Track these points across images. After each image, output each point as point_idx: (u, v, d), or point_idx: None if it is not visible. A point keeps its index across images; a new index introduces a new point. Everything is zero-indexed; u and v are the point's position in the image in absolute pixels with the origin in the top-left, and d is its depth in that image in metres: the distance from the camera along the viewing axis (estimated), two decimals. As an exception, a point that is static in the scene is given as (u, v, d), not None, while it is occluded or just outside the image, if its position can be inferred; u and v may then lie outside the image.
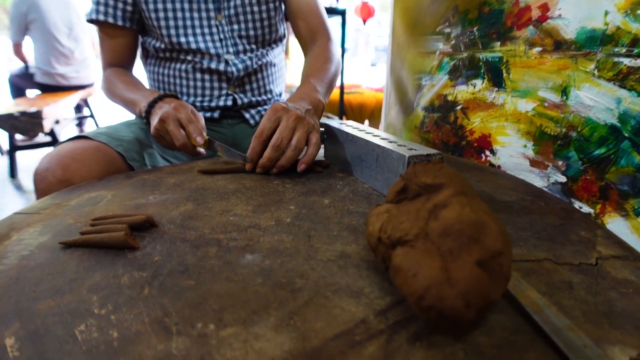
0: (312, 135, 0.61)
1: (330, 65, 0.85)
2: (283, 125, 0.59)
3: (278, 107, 0.61)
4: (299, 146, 0.59)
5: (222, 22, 0.86)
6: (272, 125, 0.60)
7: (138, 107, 0.76)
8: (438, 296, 0.23)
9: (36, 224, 0.45)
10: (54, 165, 0.64)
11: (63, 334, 0.28)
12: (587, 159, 0.57)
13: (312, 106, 0.68)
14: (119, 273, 0.35)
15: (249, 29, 0.88)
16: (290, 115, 0.60)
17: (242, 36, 0.88)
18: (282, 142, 0.58)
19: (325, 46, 0.89)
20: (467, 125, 0.78)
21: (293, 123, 0.60)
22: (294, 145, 0.59)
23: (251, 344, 0.26)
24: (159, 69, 0.90)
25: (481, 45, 0.73)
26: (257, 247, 0.39)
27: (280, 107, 0.61)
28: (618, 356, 0.27)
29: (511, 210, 0.50)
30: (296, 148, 0.59)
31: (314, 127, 0.62)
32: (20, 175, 2.58)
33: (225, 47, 0.86)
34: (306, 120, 0.61)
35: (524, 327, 0.29)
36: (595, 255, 0.40)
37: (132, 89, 0.82)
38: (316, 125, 0.63)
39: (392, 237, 0.29)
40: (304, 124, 0.61)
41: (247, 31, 0.88)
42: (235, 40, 0.87)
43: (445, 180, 0.31)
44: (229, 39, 0.87)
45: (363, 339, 0.27)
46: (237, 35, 0.88)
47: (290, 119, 0.60)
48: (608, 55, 0.54)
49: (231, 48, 0.87)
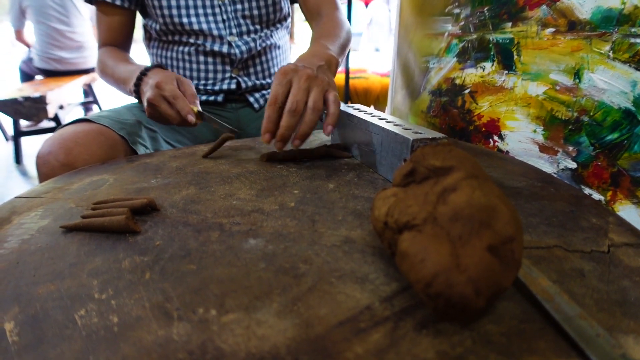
0: (329, 93, 0.56)
1: (340, 30, 0.81)
2: (295, 88, 0.54)
3: (287, 68, 0.56)
4: (317, 107, 0.54)
5: (225, 1, 0.84)
6: (285, 89, 0.55)
7: (128, 87, 0.74)
8: (447, 283, 0.22)
9: (37, 208, 0.45)
10: (56, 148, 0.64)
11: (63, 319, 0.27)
12: (599, 144, 0.56)
13: (325, 62, 0.64)
14: (119, 257, 0.34)
15: (253, 8, 0.86)
16: (301, 76, 0.55)
17: (245, 16, 0.86)
18: (297, 105, 0.53)
19: (333, 15, 0.86)
20: (475, 110, 0.77)
21: (306, 83, 0.55)
22: (312, 106, 0.54)
23: (253, 330, 0.26)
24: (161, 51, 0.89)
25: (491, 26, 0.70)
26: (260, 231, 0.38)
27: (290, 69, 0.56)
28: (631, 346, 0.26)
29: (520, 196, 0.49)
30: (315, 109, 0.54)
31: (329, 84, 0.58)
32: (26, 161, 2.59)
33: (228, 28, 0.85)
34: (319, 78, 0.56)
35: (534, 315, 0.28)
36: (608, 242, 0.39)
37: (121, 67, 0.80)
38: (332, 82, 0.59)
39: (399, 222, 0.28)
40: (318, 82, 0.56)
41: (251, 10, 0.86)
42: (238, 21, 0.85)
43: (455, 163, 0.30)
44: (232, 20, 0.85)
45: (368, 326, 0.26)
46: (241, 16, 0.86)
47: (302, 79, 0.55)
48: (624, 35, 0.52)
49: (234, 29, 0.85)
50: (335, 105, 0.56)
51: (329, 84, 0.58)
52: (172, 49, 0.87)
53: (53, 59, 2.79)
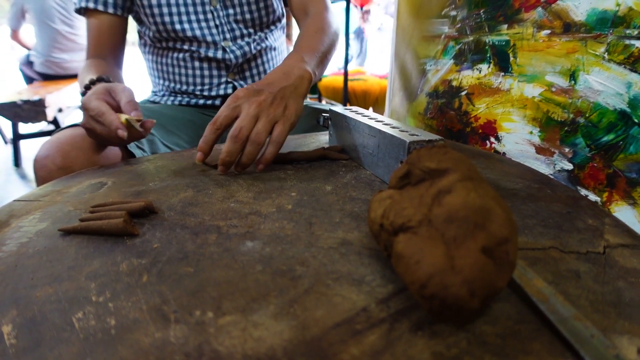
0: (277, 125, 0.53)
1: (323, 35, 0.75)
2: (244, 114, 0.52)
3: (241, 92, 0.53)
4: (257, 140, 0.51)
5: (216, 7, 0.84)
6: (231, 113, 0.52)
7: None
8: (441, 284, 0.23)
9: (35, 211, 0.45)
10: (53, 152, 0.64)
11: (60, 322, 0.27)
12: (595, 145, 0.56)
13: (294, 82, 0.58)
14: (117, 260, 0.34)
15: (245, 12, 0.86)
16: (252, 102, 0.52)
17: (238, 20, 0.86)
18: (241, 132, 0.50)
19: (319, 14, 0.81)
20: (472, 112, 0.77)
21: (255, 110, 0.52)
22: (252, 138, 0.51)
23: (250, 332, 0.26)
24: (156, 57, 0.89)
25: (487, 28, 0.71)
26: (257, 234, 0.38)
27: (244, 93, 0.53)
28: (626, 346, 0.26)
29: (517, 198, 0.49)
30: (254, 142, 0.51)
31: (283, 113, 0.54)
32: (25, 164, 2.59)
33: (221, 33, 0.85)
34: (273, 106, 0.53)
35: (529, 316, 0.28)
36: (603, 243, 0.40)
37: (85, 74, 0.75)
38: (289, 110, 0.55)
39: (394, 224, 0.28)
40: (270, 111, 0.52)
41: (243, 14, 0.86)
42: (231, 26, 0.85)
43: (451, 165, 0.30)
44: (225, 25, 0.85)
45: (364, 328, 0.26)
46: (234, 20, 0.86)
47: (252, 105, 0.52)
48: (619, 37, 0.52)
49: (228, 34, 0.85)
50: (274, 145, 0.53)
51: (283, 114, 0.54)
52: (167, 56, 0.87)
53: (55, 63, 2.79)
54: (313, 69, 0.65)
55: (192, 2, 0.82)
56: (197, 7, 0.83)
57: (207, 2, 0.83)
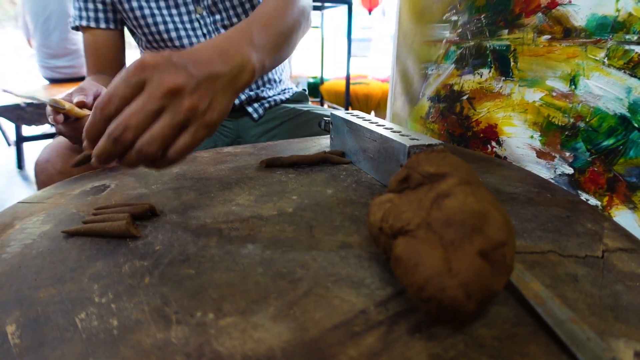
0: (185, 134, 0.36)
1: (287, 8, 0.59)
2: (139, 102, 0.35)
3: (150, 59, 0.36)
4: (145, 151, 0.35)
5: (202, 14, 0.83)
6: (128, 92, 0.35)
7: None
8: (439, 287, 0.23)
9: (39, 213, 0.46)
10: (54, 156, 0.64)
11: (63, 322, 0.28)
12: (595, 150, 0.56)
13: (230, 68, 0.40)
14: (120, 262, 0.35)
15: (231, 16, 0.85)
16: (160, 85, 0.35)
17: (225, 26, 0.85)
18: (124, 133, 0.34)
19: None
20: (473, 116, 0.77)
21: (158, 102, 0.35)
22: (138, 146, 0.35)
23: (250, 333, 0.26)
24: None
25: (488, 33, 0.71)
26: (258, 237, 0.39)
27: (154, 62, 0.35)
28: (622, 349, 0.27)
29: (516, 202, 0.49)
30: (140, 152, 0.35)
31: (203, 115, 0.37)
32: (28, 166, 2.60)
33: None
34: (189, 99, 0.36)
35: (526, 319, 0.28)
36: (602, 247, 0.40)
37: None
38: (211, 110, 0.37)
39: (393, 227, 0.28)
40: (180, 107, 0.35)
41: (230, 19, 0.85)
42: (219, 32, 0.85)
43: (450, 169, 0.30)
44: (213, 32, 0.84)
45: (362, 330, 0.26)
46: (221, 26, 0.85)
47: (158, 92, 0.35)
48: (619, 42, 0.52)
49: None
50: (169, 162, 0.37)
51: (200, 116, 0.37)
52: None
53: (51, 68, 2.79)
54: (262, 58, 0.47)
55: (177, 13, 0.82)
56: (182, 16, 0.82)
57: (193, 11, 0.83)
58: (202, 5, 0.83)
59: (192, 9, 0.83)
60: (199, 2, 0.83)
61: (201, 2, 0.83)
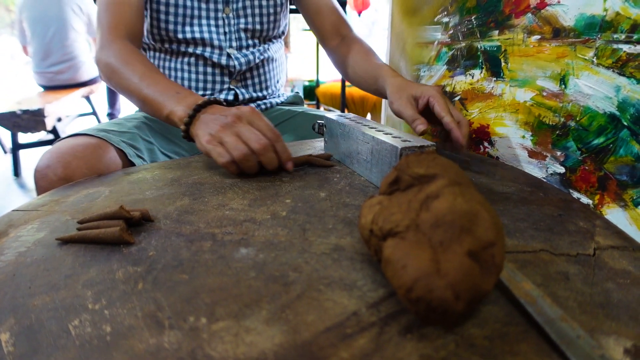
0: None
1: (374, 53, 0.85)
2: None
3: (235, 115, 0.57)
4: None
5: (229, 15, 0.85)
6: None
7: (165, 111, 0.63)
8: (427, 287, 0.23)
9: (34, 221, 0.46)
10: (54, 162, 0.64)
11: (57, 329, 0.28)
12: (586, 148, 0.57)
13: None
14: (113, 268, 0.35)
15: (255, 22, 0.88)
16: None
17: (247, 30, 0.87)
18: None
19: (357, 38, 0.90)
20: (466, 116, 0.78)
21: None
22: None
23: (242, 337, 0.26)
24: (161, 62, 0.90)
25: (479, 34, 0.72)
26: (251, 240, 0.39)
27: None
28: (612, 347, 0.27)
29: (509, 202, 0.49)
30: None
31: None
32: (24, 174, 2.59)
33: (228, 40, 0.86)
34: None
35: (517, 318, 0.29)
36: (594, 245, 0.40)
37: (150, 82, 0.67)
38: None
39: (383, 229, 0.29)
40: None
41: (253, 25, 0.88)
42: (239, 35, 0.87)
43: (439, 171, 0.31)
44: (234, 33, 0.86)
45: (354, 332, 0.27)
46: (243, 29, 0.87)
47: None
48: (607, 42, 0.53)
49: (235, 42, 0.87)
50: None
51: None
52: (172, 59, 0.88)
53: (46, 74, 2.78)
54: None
55: (206, 7, 0.83)
56: (210, 12, 0.84)
57: (221, 9, 0.84)
58: (231, 8, 0.85)
59: (221, 8, 0.85)
60: (229, 3, 0.85)
61: (230, 3, 0.85)
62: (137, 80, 0.68)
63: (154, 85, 0.66)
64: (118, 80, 0.71)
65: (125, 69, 0.69)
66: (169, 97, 0.63)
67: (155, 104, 0.65)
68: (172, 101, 0.62)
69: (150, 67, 0.70)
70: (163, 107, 0.63)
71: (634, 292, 0.33)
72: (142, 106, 0.69)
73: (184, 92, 0.64)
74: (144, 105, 0.68)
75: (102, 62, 0.73)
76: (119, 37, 0.74)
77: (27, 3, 2.64)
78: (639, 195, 0.51)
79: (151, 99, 0.65)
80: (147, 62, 0.71)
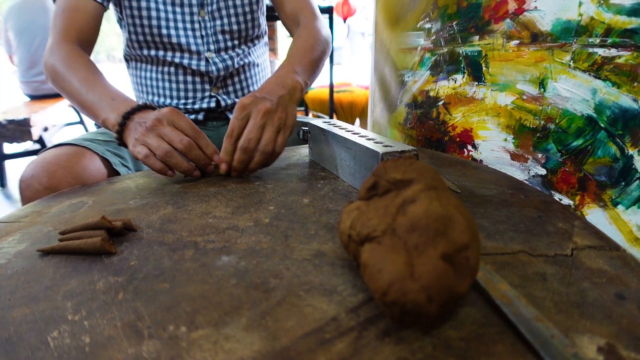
0: (279, 136, 0.58)
1: (314, 43, 0.79)
2: (251, 124, 0.57)
3: (246, 102, 0.58)
4: (266, 150, 0.57)
5: (204, 17, 0.85)
6: (242, 123, 0.57)
7: (101, 118, 0.63)
8: (401, 291, 0.24)
9: (15, 233, 0.45)
10: (39, 172, 0.63)
11: (35, 341, 0.28)
12: (566, 150, 0.58)
13: (288, 91, 0.63)
14: (94, 279, 0.35)
15: (232, 23, 0.88)
16: (259, 110, 0.57)
17: (224, 31, 0.87)
18: (249, 144, 0.56)
19: (310, 24, 0.85)
20: (449, 121, 0.79)
21: (262, 120, 0.57)
22: (261, 149, 0.57)
23: (221, 344, 0.26)
24: (141, 72, 0.90)
25: (460, 39, 0.73)
26: (233, 248, 0.39)
27: (249, 102, 0.58)
28: (586, 345, 0.27)
29: (490, 204, 0.50)
30: (263, 153, 0.57)
31: (285, 122, 0.59)
32: (10, 184, 2.56)
33: (206, 44, 0.86)
34: (277, 114, 0.58)
35: (494, 319, 0.29)
36: (571, 246, 0.41)
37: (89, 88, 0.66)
38: (289, 118, 0.60)
39: (360, 234, 0.29)
40: (274, 120, 0.58)
41: (230, 26, 0.88)
42: (217, 37, 0.87)
43: (416, 175, 0.31)
44: (211, 36, 0.86)
45: (333, 337, 0.27)
46: (220, 31, 0.87)
47: (259, 114, 0.57)
48: (583, 46, 0.54)
49: (212, 45, 0.87)
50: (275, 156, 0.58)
51: (285, 123, 0.59)
52: (152, 69, 0.88)
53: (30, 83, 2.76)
54: (304, 80, 0.70)
55: (180, 11, 0.83)
56: (185, 16, 0.84)
57: (196, 12, 0.84)
58: (206, 10, 0.85)
59: (196, 11, 0.85)
60: (203, 6, 0.85)
61: (205, 6, 0.85)
62: (77, 84, 0.67)
63: (92, 91, 0.66)
64: (61, 84, 0.70)
65: (67, 73, 0.69)
66: (105, 104, 0.63)
67: (92, 110, 0.65)
68: (108, 108, 0.62)
69: (92, 72, 0.69)
70: (99, 113, 0.63)
71: (609, 290, 0.33)
72: (82, 111, 0.69)
73: (119, 98, 0.64)
74: (83, 110, 0.68)
75: (49, 65, 0.72)
76: (68, 41, 0.73)
77: (12, 12, 2.63)
78: (617, 195, 0.52)
79: (89, 104, 0.65)
80: (91, 66, 0.70)
